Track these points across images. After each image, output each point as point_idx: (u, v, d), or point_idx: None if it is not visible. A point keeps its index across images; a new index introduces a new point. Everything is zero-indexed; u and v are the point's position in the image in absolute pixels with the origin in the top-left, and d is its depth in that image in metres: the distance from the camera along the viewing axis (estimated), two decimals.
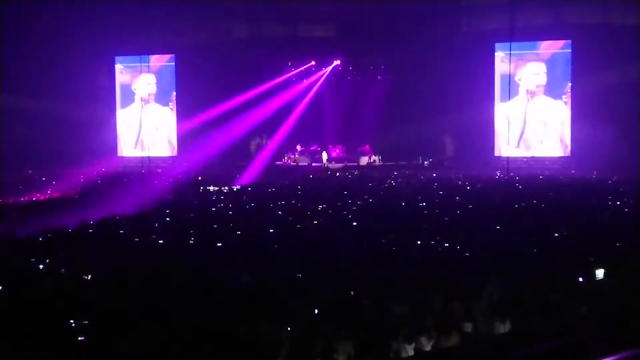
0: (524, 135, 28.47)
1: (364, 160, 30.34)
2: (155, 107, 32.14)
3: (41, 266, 8.87)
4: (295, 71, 31.22)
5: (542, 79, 28.14)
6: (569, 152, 27.93)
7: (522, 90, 28.36)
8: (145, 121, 31.94)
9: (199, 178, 22.89)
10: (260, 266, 8.61)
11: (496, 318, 6.60)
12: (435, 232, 11.06)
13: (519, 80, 28.33)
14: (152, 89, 32.00)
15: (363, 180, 22.95)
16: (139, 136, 32.29)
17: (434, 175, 24.85)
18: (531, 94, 28.24)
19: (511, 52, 27.18)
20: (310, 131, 31.06)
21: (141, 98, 31.99)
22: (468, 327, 6.44)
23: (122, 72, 32.42)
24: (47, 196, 19.06)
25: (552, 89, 28.16)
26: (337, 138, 31.48)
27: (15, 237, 11.15)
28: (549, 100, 28.13)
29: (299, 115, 30.88)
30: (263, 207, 15.61)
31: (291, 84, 31.21)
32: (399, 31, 28.48)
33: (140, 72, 31.73)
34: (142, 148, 31.74)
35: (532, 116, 28.33)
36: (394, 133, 29.79)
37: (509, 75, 28.03)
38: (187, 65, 30.49)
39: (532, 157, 28.52)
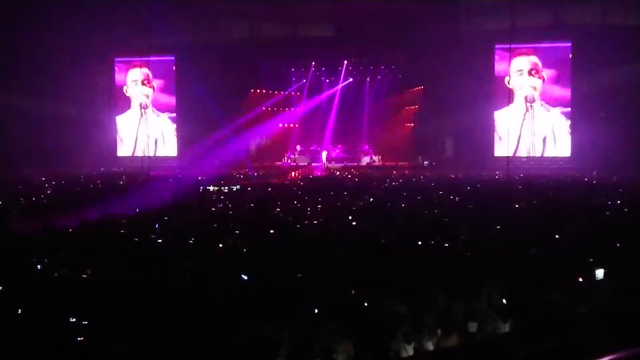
0: (521, 143, 28.54)
1: (364, 160, 30.35)
2: (154, 108, 32.12)
3: (39, 266, 8.86)
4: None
5: (539, 85, 28.15)
6: (569, 153, 27.92)
7: (519, 96, 28.36)
8: (145, 122, 31.92)
9: (200, 178, 22.90)
10: (260, 266, 8.59)
11: (496, 318, 6.60)
12: (435, 232, 11.03)
13: (518, 86, 28.35)
14: (151, 90, 31.97)
15: (363, 180, 22.92)
16: (137, 137, 32.28)
17: (434, 175, 24.83)
18: (530, 100, 28.23)
19: (510, 54, 27.20)
20: (310, 131, 31.09)
21: (139, 103, 31.97)
22: (473, 326, 6.42)
23: (119, 71, 32.40)
24: None
25: (550, 93, 28.12)
26: (337, 138, 31.48)
27: (15, 237, 11.14)
28: (547, 107, 28.12)
29: (305, 116, 30.94)
30: (263, 207, 15.59)
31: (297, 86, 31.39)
32: (398, 31, 28.47)
33: (140, 72, 31.71)
34: (142, 149, 31.74)
35: (529, 125, 28.34)
36: (394, 133, 29.81)
37: (507, 78, 28.08)
38: (187, 65, 30.47)
39: (532, 156, 28.52)
